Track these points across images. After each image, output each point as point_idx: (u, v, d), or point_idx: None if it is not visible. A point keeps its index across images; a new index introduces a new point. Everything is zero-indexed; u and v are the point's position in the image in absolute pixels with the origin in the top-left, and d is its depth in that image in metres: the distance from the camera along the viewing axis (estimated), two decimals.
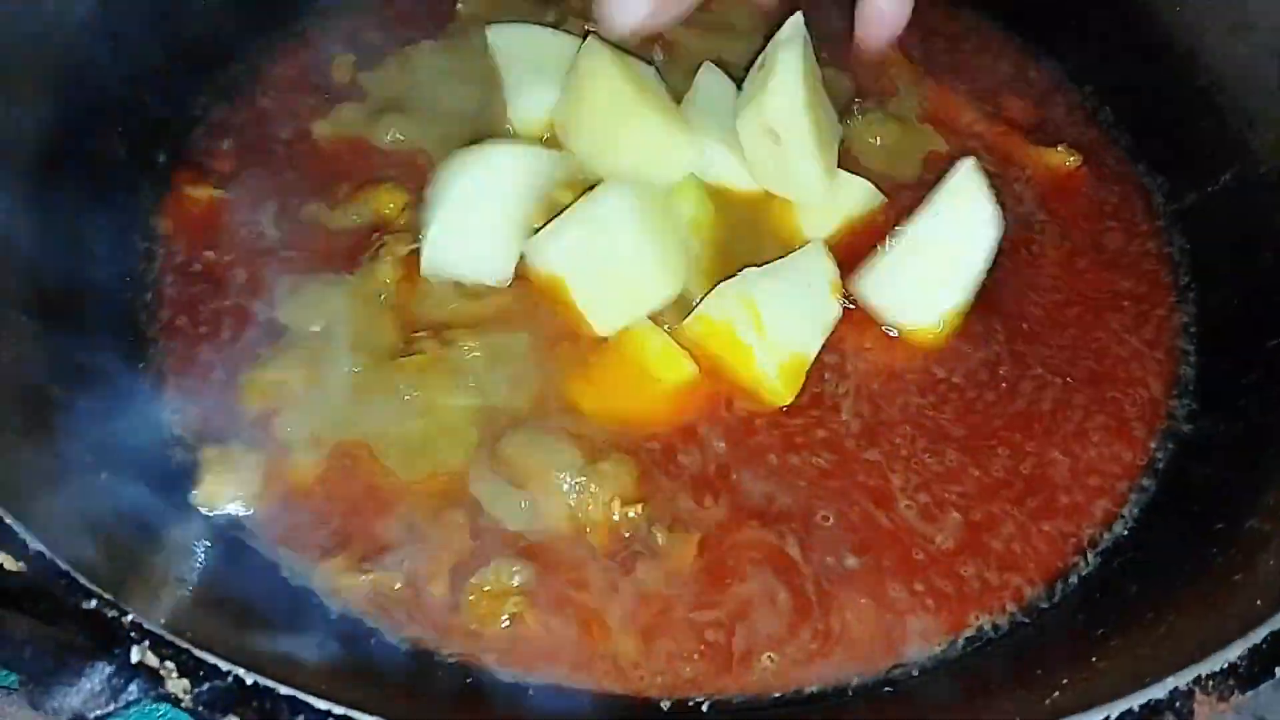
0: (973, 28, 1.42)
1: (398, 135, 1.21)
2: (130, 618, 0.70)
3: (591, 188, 1.07)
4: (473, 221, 1.08)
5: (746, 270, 1.06)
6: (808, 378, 1.06)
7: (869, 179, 1.17)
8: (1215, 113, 1.25)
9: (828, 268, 1.09)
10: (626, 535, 0.97)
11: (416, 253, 1.08)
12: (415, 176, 1.16)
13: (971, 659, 0.94)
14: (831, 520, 0.99)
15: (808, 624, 0.94)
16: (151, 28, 1.19)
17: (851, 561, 0.97)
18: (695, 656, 0.92)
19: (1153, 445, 1.08)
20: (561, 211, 1.06)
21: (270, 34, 1.32)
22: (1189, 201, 1.24)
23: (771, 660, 0.93)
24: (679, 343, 1.05)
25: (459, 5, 1.34)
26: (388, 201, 1.14)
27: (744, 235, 1.14)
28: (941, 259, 1.10)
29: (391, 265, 1.08)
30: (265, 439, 1.00)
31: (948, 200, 1.10)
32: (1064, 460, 1.05)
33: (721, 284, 1.05)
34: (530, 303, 1.08)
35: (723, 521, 0.98)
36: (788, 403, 1.05)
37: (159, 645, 0.70)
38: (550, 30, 1.24)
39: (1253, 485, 0.97)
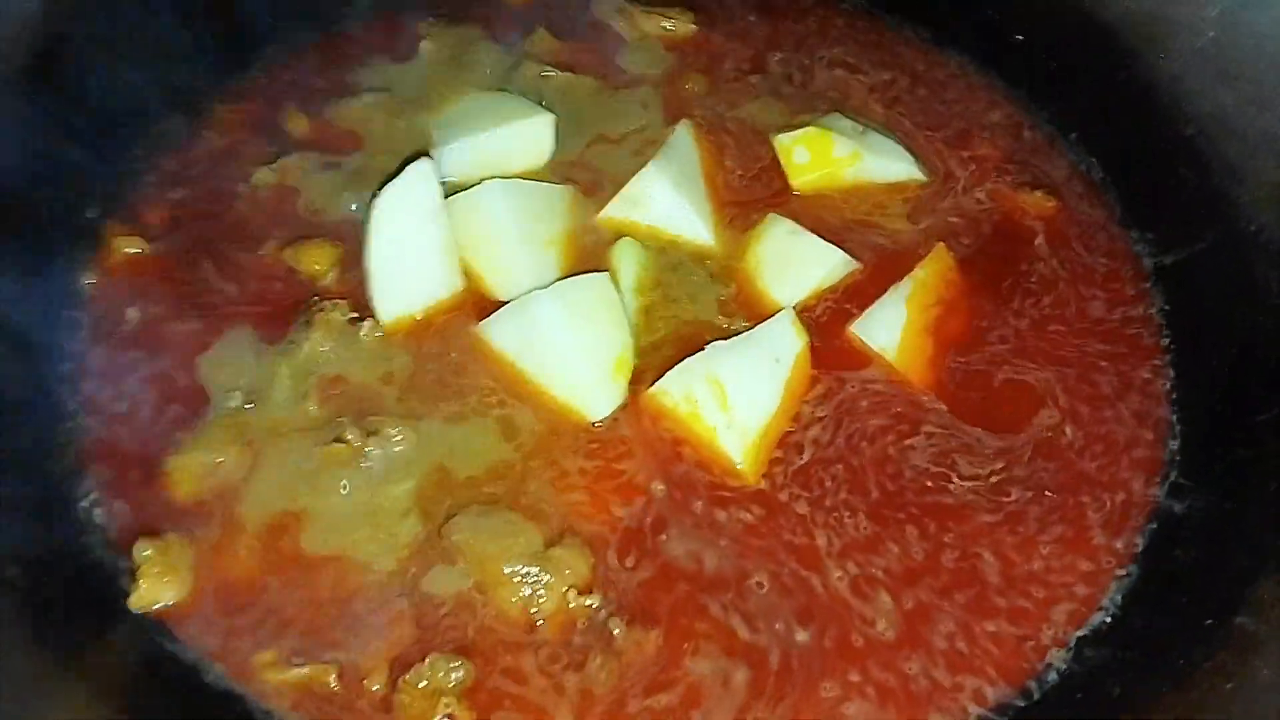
0: (957, 74, 1.37)
1: (331, 191, 1.17)
2: None
3: None
4: (409, 251, 1.06)
5: (712, 345, 1.01)
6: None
7: (843, 231, 1.15)
8: (1200, 165, 1.20)
9: (796, 340, 1.04)
10: (581, 625, 0.91)
11: (352, 321, 1.04)
12: (348, 233, 1.12)
13: None
14: (766, 587, 0.94)
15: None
16: (88, 81, 1.14)
17: (801, 636, 0.92)
18: None
19: (1124, 541, 1.00)
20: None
21: (214, 83, 1.29)
22: (1172, 260, 1.20)
23: None
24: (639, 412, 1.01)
25: (422, 43, 1.33)
26: (316, 259, 1.11)
27: (699, 294, 1.11)
28: None
29: (324, 333, 1.03)
30: (196, 528, 0.94)
31: None
32: (994, 562, 0.97)
33: (687, 360, 1.01)
34: (467, 384, 1.05)
35: (679, 603, 0.93)
36: (752, 485, 0.99)
37: None
38: (476, 93, 1.25)
39: (1240, 575, 0.92)
